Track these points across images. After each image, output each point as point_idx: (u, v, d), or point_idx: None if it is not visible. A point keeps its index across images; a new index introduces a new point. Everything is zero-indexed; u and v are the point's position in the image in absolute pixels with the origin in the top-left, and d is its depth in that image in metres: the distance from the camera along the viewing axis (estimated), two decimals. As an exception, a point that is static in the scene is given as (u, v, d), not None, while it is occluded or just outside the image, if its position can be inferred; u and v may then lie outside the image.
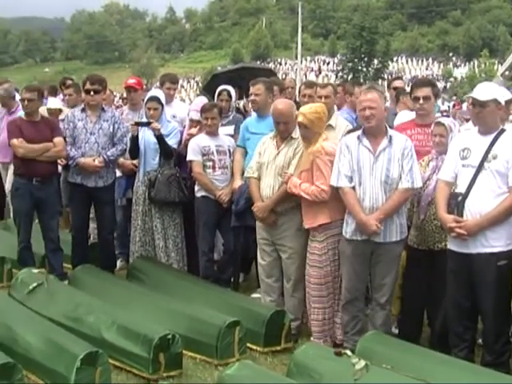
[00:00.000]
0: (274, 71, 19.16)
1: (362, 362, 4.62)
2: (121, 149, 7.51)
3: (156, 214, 7.45)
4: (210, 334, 5.61)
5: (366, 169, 5.58)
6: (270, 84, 7.43)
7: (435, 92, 6.38)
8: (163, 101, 7.58)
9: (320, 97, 6.99)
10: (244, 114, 8.69)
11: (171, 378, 5.25)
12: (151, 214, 7.47)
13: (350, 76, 68.97)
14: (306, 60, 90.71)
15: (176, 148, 7.55)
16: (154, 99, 7.49)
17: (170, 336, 5.25)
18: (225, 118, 7.66)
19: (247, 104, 9.88)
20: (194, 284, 6.97)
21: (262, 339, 5.87)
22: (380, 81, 60.06)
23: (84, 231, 7.78)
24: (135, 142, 7.50)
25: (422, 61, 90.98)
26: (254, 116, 7.42)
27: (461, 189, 5.21)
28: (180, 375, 5.34)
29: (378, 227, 5.47)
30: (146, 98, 7.62)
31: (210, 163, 7.19)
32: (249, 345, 5.82)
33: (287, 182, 6.01)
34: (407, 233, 5.76)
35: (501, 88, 5.43)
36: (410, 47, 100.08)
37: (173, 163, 7.53)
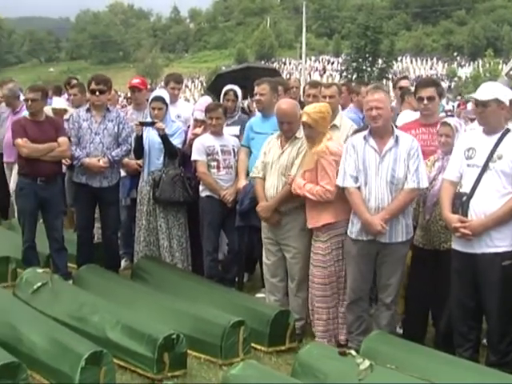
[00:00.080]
0: (279, 71, 19.11)
1: (367, 362, 4.61)
2: (125, 149, 7.51)
3: (160, 213, 7.46)
4: (215, 333, 5.60)
5: (371, 169, 5.56)
6: (275, 84, 7.42)
7: (439, 92, 6.34)
8: (167, 101, 7.58)
9: (324, 96, 6.97)
10: (248, 114, 8.67)
11: (176, 377, 5.24)
12: (156, 213, 7.48)
13: (355, 76, 69.06)
14: (311, 60, 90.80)
15: (180, 148, 7.55)
16: (159, 99, 7.49)
17: (174, 336, 5.24)
18: (230, 119, 7.64)
19: (251, 104, 9.87)
20: (198, 284, 6.96)
21: (267, 339, 5.87)
22: (384, 80, 60.02)
23: (89, 231, 7.78)
24: (140, 142, 7.50)
25: (427, 60, 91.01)
26: (259, 116, 7.39)
27: (465, 189, 5.20)
28: (184, 375, 5.33)
29: (382, 227, 5.45)
30: (151, 98, 7.61)
31: (215, 163, 7.18)
32: (253, 345, 5.81)
33: (291, 184, 6.01)
34: (413, 233, 5.75)
35: (504, 88, 5.38)
36: (415, 47, 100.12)
37: (177, 163, 7.54)
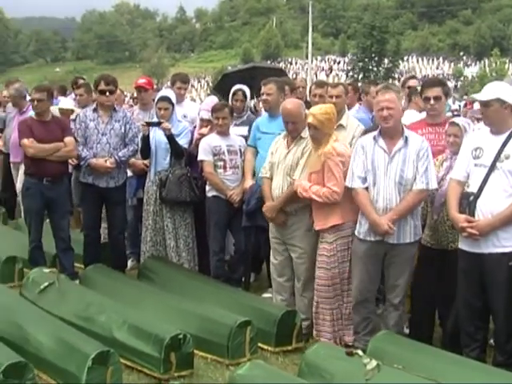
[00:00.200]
0: (285, 71, 19.12)
1: (374, 362, 4.61)
2: (132, 149, 7.51)
3: (167, 213, 7.46)
4: (221, 333, 5.60)
5: (380, 169, 5.55)
6: (282, 84, 7.41)
7: (445, 91, 6.32)
8: (174, 100, 7.57)
9: (331, 96, 6.93)
10: (255, 114, 8.66)
11: (182, 377, 5.24)
12: (162, 213, 7.48)
13: (361, 75, 68.97)
14: (317, 59, 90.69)
15: (187, 148, 7.55)
16: (165, 99, 7.49)
17: (181, 336, 5.24)
18: (239, 119, 7.64)
19: (258, 104, 9.87)
20: (204, 284, 6.96)
21: (273, 339, 5.86)
22: (390, 80, 59.92)
23: (96, 231, 7.78)
24: (146, 142, 7.50)
25: (433, 60, 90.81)
26: (266, 116, 7.37)
27: (473, 188, 5.19)
28: (191, 375, 5.33)
29: (390, 227, 5.43)
30: (157, 98, 7.61)
31: (221, 163, 7.17)
32: (260, 344, 5.81)
33: (296, 187, 5.99)
34: (421, 234, 5.73)
35: (509, 87, 5.33)
36: (421, 46, 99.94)
37: (184, 163, 7.54)
